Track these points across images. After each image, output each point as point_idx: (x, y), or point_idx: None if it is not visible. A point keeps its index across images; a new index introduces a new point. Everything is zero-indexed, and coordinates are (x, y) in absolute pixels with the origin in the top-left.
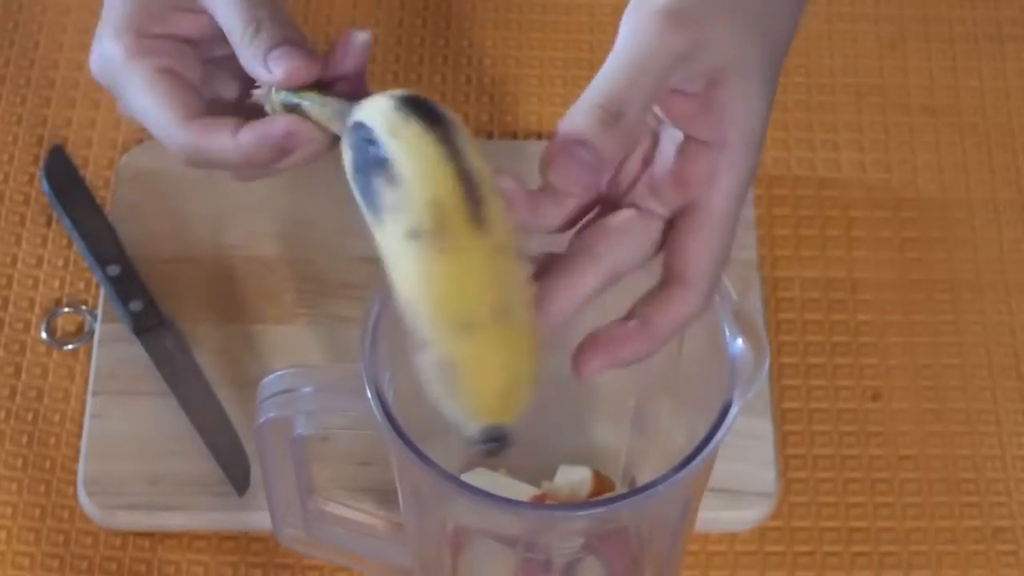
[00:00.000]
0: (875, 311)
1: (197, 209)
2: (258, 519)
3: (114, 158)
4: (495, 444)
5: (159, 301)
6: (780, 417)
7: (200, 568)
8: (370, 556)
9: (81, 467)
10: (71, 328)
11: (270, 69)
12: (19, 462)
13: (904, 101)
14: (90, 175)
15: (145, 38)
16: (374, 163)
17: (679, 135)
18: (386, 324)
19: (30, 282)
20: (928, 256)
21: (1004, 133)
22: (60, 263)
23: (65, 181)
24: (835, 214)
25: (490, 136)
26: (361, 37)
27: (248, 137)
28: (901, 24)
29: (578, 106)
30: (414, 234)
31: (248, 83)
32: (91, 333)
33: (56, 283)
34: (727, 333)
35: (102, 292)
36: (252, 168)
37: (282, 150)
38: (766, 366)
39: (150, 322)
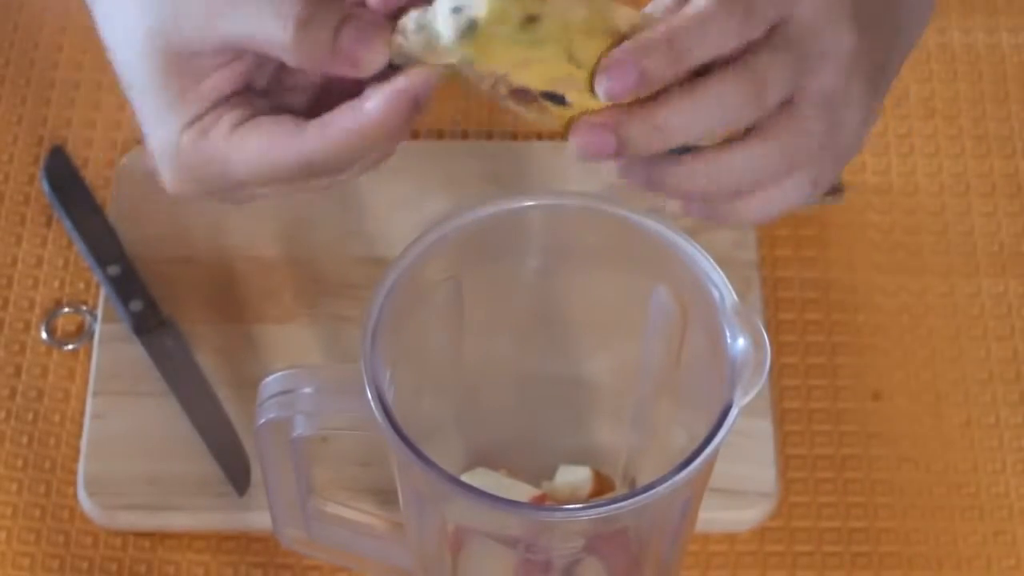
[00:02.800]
0: (875, 311)
1: (197, 209)
2: (258, 519)
3: (114, 158)
4: None
5: (159, 301)
6: (780, 417)
7: (200, 568)
8: (370, 556)
9: (81, 467)
10: (71, 328)
11: (354, 61)
12: (19, 462)
13: (903, 101)
14: (90, 175)
15: (201, 118)
16: None
17: None
18: (386, 324)
19: (30, 282)
20: (927, 255)
21: (1003, 132)
22: (60, 263)
23: (65, 181)
24: (835, 214)
25: (490, 136)
26: None
27: (378, 102)
28: None
29: None
30: None
31: (313, 83)
32: (91, 333)
33: (56, 283)
34: (727, 333)
35: (102, 292)
36: (386, 143)
37: (417, 101)
38: (766, 366)
39: (150, 322)
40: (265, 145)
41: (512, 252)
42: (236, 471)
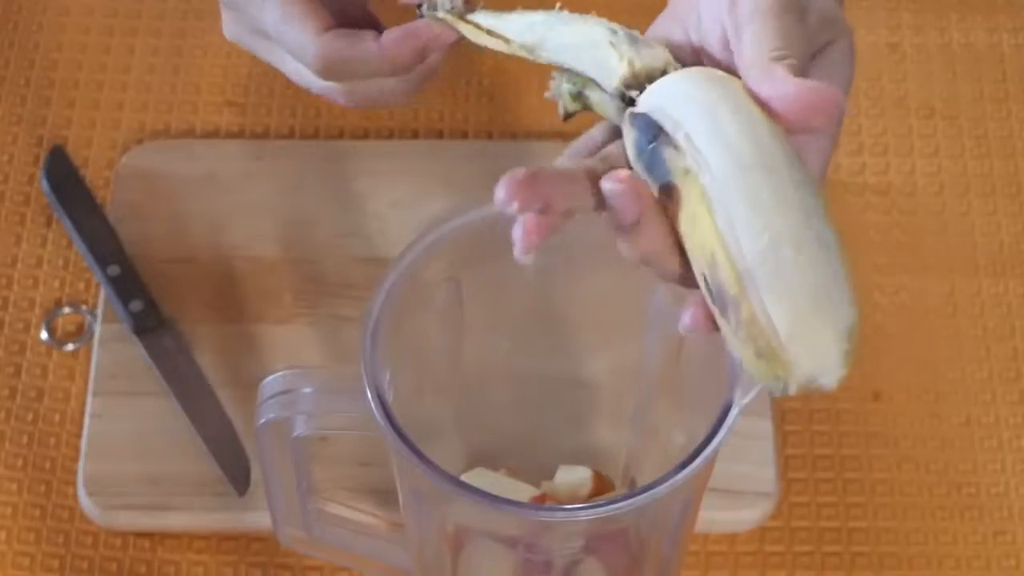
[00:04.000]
0: (875, 311)
1: (197, 209)
2: (258, 519)
3: (114, 158)
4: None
5: (159, 301)
6: (780, 417)
7: (200, 568)
8: (370, 556)
9: (81, 467)
10: (71, 328)
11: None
12: (19, 462)
13: (902, 101)
14: (90, 175)
15: None
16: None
17: None
18: (386, 324)
19: (30, 282)
20: (927, 255)
21: (1003, 132)
22: (60, 263)
23: (65, 181)
24: (835, 214)
25: (490, 136)
26: None
27: (391, 39)
28: (899, 28)
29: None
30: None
31: None
32: (91, 333)
33: (56, 283)
34: None
35: (102, 292)
36: (390, 78)
37: (424, 51)
38: None
39: (150, 322)
40: (293, 21)
41: (512, 252)
42: (236, 471)
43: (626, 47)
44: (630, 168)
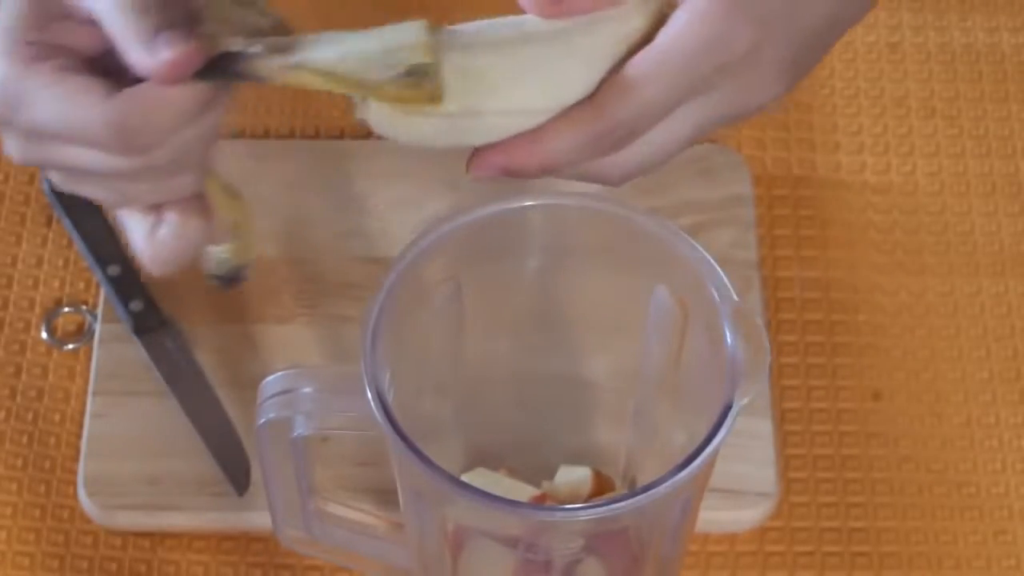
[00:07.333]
0: (875, 311)
1: None
2: (258, 519)
3: None
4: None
5: (159, 301)
6: (780, 417)
7: (200, 568)
8: (370, 556)
9: (81, 467)
10: (71, 328)
11: (155, 53)
12: (19, 462)
13: (903, 101)
14: None
15: (35, 46)
16: None
17: None
18: (386, 324)
19: (30, 282)
20: (927, 255)
21: (1003, 132)
22: (60, 263)
23: None
24: (835, 214)
25: None
26: None
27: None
28: (899, 27)
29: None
30: None
31: None
32: (91, 333)
33: (56, 283)
34: (727, 333)
35: (102, 292)
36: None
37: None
38: (766, 366)
39: (150, 322)
40: (73, 92)
41: (512, 252)
42: (236, 471)
43: None
44: None
